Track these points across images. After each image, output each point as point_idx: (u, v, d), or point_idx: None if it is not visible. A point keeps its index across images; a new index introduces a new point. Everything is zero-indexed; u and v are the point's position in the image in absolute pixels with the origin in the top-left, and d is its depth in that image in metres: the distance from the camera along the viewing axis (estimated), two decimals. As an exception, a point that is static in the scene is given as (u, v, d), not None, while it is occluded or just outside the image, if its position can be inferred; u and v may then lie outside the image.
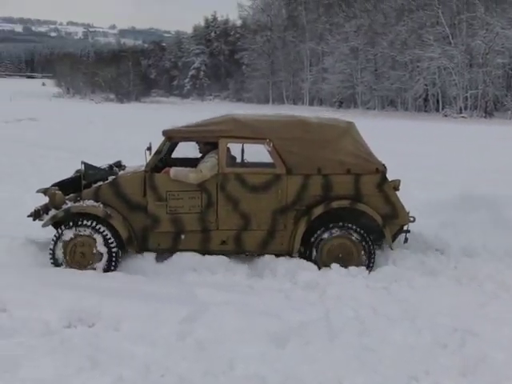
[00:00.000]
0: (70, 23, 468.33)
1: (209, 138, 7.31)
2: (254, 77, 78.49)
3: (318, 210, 7.05)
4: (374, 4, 63.81)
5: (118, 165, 8.16)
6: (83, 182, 7.18)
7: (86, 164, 7.25)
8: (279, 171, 7.10)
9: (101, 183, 7.21)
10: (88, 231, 6.92)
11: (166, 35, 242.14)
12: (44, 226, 7.04)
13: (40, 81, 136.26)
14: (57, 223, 7.07)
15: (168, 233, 7.16)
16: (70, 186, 7.42)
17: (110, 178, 7.25)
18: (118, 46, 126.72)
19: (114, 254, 6.97)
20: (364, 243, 7.10)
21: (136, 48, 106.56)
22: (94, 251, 6.93)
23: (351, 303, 6.07)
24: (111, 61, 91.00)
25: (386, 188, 7.23)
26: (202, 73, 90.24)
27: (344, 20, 66.44)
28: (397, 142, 24.58)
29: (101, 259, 6.94)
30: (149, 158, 7.26)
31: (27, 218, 7.35)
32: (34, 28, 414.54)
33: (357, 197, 7.13)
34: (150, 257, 7.35)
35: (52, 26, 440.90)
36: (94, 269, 6.90)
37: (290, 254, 7.23)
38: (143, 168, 7.24)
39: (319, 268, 7.07)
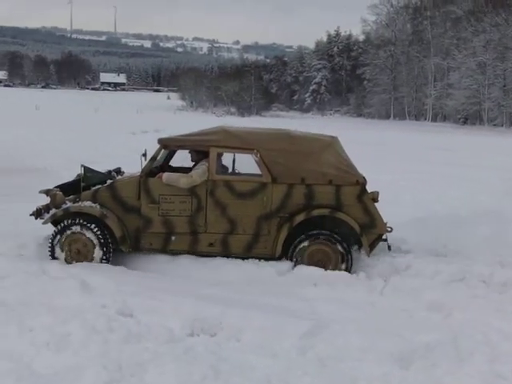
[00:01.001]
0: (196, 39, 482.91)
1: (200, 147, 7.80)
2: (375, 92, 77.76)
3: (299, 217, 7.46)
4: (506, 18, 61.56)
5: (118, 171, 8.68)
6: (82, 185, 7.70)
7: (85, 167, 7.78)
8: (265, 180, 7.55)
9: (99, 186, 7.73)
10: (84, 230, 7.44)
11: (288, 50, 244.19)
12: (44, 223, 7.62)
13: (165, 94, 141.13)
14: (56, 222, 7.61)
15: (159, 233, 7.63)
16: (71, 188, 7.95)
17: (109, 182, 7.77)
18: (240, 61, 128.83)
19: (106, 252, 7.48)
20: (342, 250, 7.47)
21: (258, 63, 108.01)
22: (88, 248, 7.47)
23: (480, 326, 5.79)
24: (234, 75, 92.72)
25: (365, 199, 7.61)
26: (322, 87, 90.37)
27: (472, 34, 64.52)
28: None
29: (94, 256, 7.47)
30: (144, 163, 7.73)
31: None
32: (161, 44, 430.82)
33: (337, 206, 7.54)
34: (271, 268, 7.39)
35: (179, 42, 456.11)
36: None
37: (272, 258, 7.60)
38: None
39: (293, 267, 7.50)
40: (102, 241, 7.46)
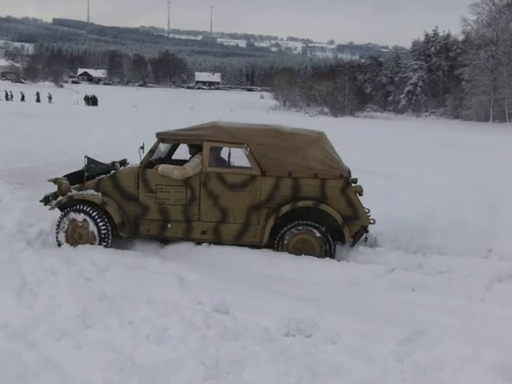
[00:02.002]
0: (290, 39, 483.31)
1: (194, 141, 8.30)
2: (473, 93, 75.49)
3: (285, 208, 7.89)
4: None
5: (123, 162, 9.30)
6: (86, 174, 8.28)
7: (88, 158, 8.35)
8: (255, 172, 7.99)
9: (103, 176, 8.29)
10: (85, 216, 7.93)
11: (383, 50, 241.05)
12: (50, 209, 8.18)
13: (259, 93, 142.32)
14: (62, 208, 8.14)
15: (156, 220, 8.14)
16: (77, 178, 8.55)
17: (112, 172, 8.36)
18: (335, 61, 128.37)
19: (105, 237, 7.94)
20: (324, 239, 7.85)
21: (353, 63, 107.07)
22: (89, 232, 7.94)
23: None
24: (328, 75, 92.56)
25: (349, 192, 8.00)
26: (418, 88, 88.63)
27: None
28: None
29: (94, 239, 7.92)
30: (142, 156, 8.28)
31: None
32: (256, 43, 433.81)
33: (322, 198, 7.94)
34: (366, 270, 7.31)
35: (273, 42, 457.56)
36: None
37: (260, 245, 8.00)
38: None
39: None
40: (102, 226, 7.94)
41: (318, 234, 7.87)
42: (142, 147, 8.47)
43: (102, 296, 6.10)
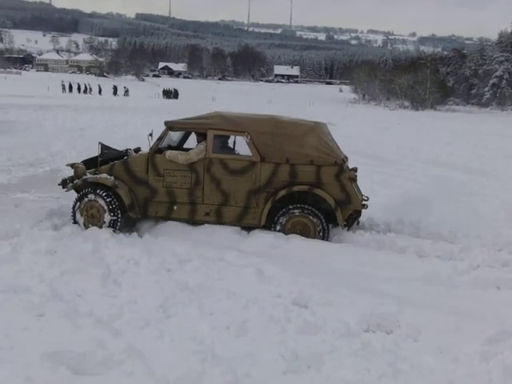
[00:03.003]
0: (371, 31, 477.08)
1: (200, 129, 8.81)
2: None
3: (281, 193, 8.41)
4: None
5: (137, 150, 9.69)
6: (99, 159, 8.91)
7: (102, 145, 9.01)
8: (255, 159, 8.50)
9: (116, 161, 8.87)
10: (97, 197, 8.55)
11: (467, 42, 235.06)
12: (67, 191, 8.94)
13: (337, 87, 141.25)
14: (78, 190, 8.79)
15: (164, 202, 8.70)
16: (93, 163, 9.08)
17: (124, 158, 8.95)
18: (416, 54, 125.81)
19: (114, 216, 8.54)
20: (318, 221, 8.33)
21: (435, 55, 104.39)
22: (100, 213, 8.55)
23: None
24: (408, 68, 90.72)
25: (343, 178, 8.43)
26: (504, 81, 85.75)
27: None
28: None
29: (104, 220, 8.53)
30: (151, 142, 8.78)
31: None
32: (336, 36, 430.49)
33: (317, 184, 8.42)
34: (448, 266, 7.14)
35: (353, 35, 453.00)
36: (101, 227, 8.45)
37: (258, 226, 8.50)
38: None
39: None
40: (112, 207, 8.52)
41: (312, 217, 8.35)
42: (151, 134, 8.91)
43: (183, 287, 6.19)
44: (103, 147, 9.05)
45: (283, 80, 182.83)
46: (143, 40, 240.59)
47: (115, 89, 74.61)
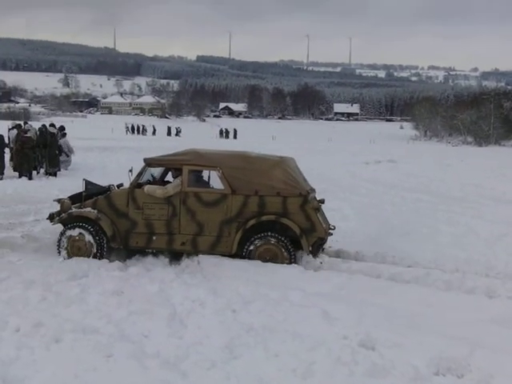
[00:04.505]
0: (432, 67, 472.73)
1: (176, 165, 9.50)
2: None
3: (251, 222, 9.04)
4: None
5: (119, 185, 10.28)
6: (84, 194, 9.61)
7: (86, 181, 9.82)
8: (226, 191, 9.17)
9: (99, 196, 9.51)
10: (81, 230, 9.16)
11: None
12: (53, 224, 9.58)
13: (398, 124, 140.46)
14: (64, 224, 9.35)
15: (143, 233, 9.29)
16: (78, 198, 9.68)
17: (107, 193, 9.56)
18: (478, 89, 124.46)
19: (99, 248, 9.13)
20: (285, 248, 8.95)
21: (498, 90, 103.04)
22: (86, 244, 9.15)
23: None
24: (471, 104, 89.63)
25: (307, 208, 9.10)
26: None
27: None
28: None
29: (91, 251, 9.12)
30: (132, 178, 9.43)
31: None
32: (396, 73, 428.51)
33: (284, 214, 9.08)
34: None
35: (413, 71, 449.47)
36: (88, 257, 9.02)
37: (230, 254, 9.04)
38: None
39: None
40: (96, 238, 9.13)
41: (279, 244, 8.96)
42: (131, 170, 9.50)
43: (248, 328, 6.18)
44: (87, 183, 9.87)
45: (343, 118, 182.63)
46: (204, 81, 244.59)
47: (169, 130, 77.23)
